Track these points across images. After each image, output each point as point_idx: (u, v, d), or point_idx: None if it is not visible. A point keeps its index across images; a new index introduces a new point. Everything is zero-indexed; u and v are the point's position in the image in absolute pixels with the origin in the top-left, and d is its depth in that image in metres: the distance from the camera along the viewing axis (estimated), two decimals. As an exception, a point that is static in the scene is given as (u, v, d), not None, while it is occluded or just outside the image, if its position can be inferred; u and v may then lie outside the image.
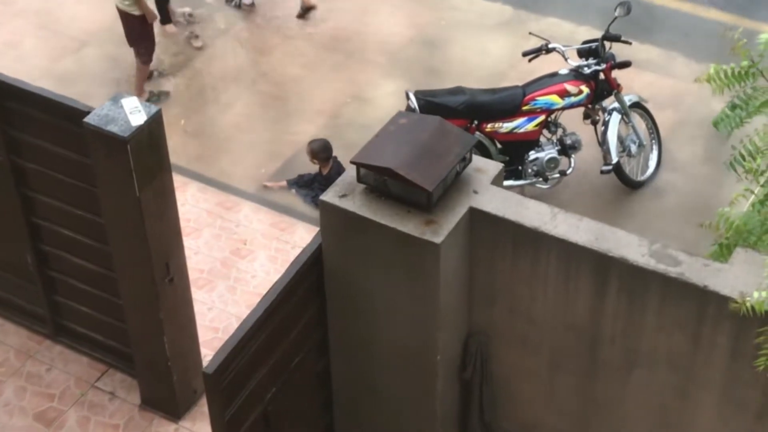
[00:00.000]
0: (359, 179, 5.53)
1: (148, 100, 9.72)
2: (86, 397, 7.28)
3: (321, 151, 8.65)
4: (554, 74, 8.61)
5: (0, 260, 7.42)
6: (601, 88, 8.60)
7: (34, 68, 9.97)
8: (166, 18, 10.39)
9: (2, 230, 7.21)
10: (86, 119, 6.07)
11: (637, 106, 8.88)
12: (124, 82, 9.84)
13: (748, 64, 4.96)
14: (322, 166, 8.70)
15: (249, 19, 10.65)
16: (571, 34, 10.05)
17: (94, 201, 6.47)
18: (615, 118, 8.67)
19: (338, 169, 8.49)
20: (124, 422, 7.14)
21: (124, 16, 9.53)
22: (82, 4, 10.82)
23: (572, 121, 8.81)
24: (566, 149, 8.65)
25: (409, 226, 5.37)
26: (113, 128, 5.98)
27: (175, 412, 7.09)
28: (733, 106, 5.11)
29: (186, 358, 6.95)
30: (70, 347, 7.52)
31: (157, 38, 9.92)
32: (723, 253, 5.36)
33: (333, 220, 5.59)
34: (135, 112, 6.04)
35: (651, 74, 9.75)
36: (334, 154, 8.71)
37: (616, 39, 8.56)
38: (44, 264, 7.20)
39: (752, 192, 5.47)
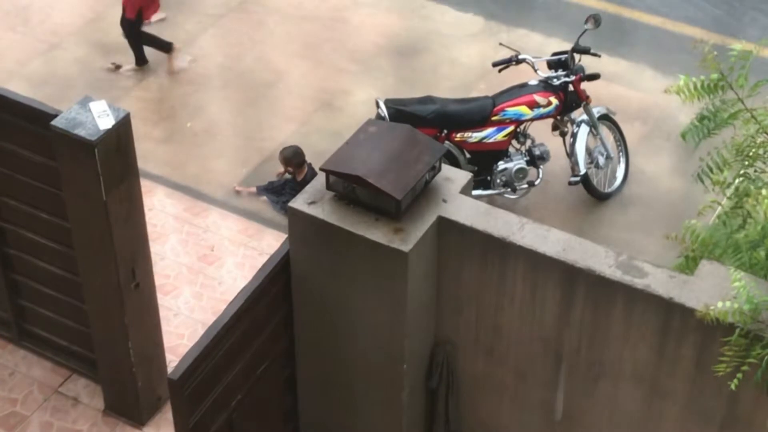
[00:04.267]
0: (328, 186, 5.53)
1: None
2: (49, 402, 7.22)
3: (293, 157, 8.65)
4: (524, 85, 8.64)
5: (-36, 263, 7.36)
6: (570, 99, 8.65)
7: (2, 70, 9.90)
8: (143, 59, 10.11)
9: (-34, 233, 7.14)
10: (53, 122, 6.03)
11: (606, 118, 8.93)
12: (94, 86, 9.78)
13: (718, 77, 5.01)
14: (296, 173, 8.70)
15: (220, 25, 10.63)
16: (540, 45, 10.10)
17: (60, 205, 6.42)
18: (583, 130, 8.72)
19: (313, 175, 8.48)
20: (87, 428, 7.08)
21: None
22: (52, 6, 10.76)
23: (541, 132, 8.85)
24: (535, 160, 8.68)
25: (377, 234, 5.37)
26: (81, 132, 5.94)
27: (139, 418, 7.04)
28: (702, 118, 5.16)
29: (151, 364, 6.90)
30: (34, 352, 7.45)
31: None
32: (689, 265, 5.40)
33: (301, 227, 5.58)
34: (103, 116, 6.00)
35: (619, 87, 9.81)
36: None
37: (585, 51, 8.61)
38: (9, 267, 7.14)
39: (719, 204, 5.51)
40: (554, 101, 8.55)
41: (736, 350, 4.85)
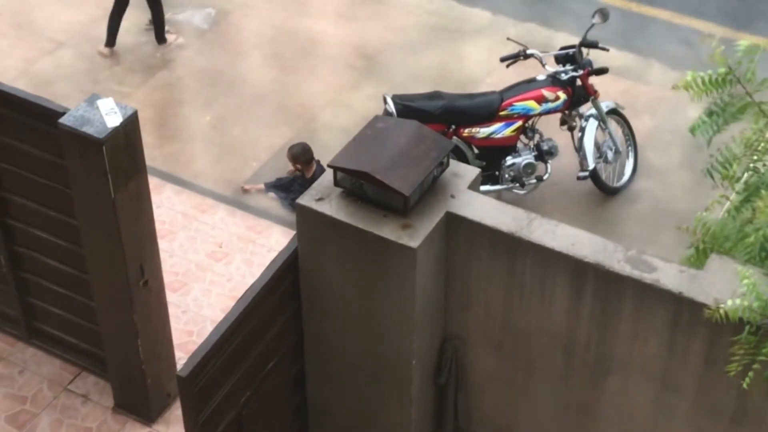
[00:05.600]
0: (336, 183, 5.52)
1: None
2: (59, 399, 7.23)
3: (301, 154, 8.66)
4: (532, 80, 8.63)
5: (-27, 261, 7.37)
6: (578, 94, 8.63)
7: (9, 69, 9.91)
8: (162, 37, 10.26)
9: (-25, 231, 7.15)
10: (61, 120, 6.03)
11: (614, 112, 8.91)
12: (100, 83, 9.80)
13: (726, 71, 4.98)
14: (305, 170, 8.70)
15: (227, 22, 10.63)
16: (548, 40, 10.08)
17: (68, 202, 6.43)
18: (592, 125, 8.70)
19: (321, 171, 8.49)
20: (96, 425, 7.09)
21: None
22: (59, 5, 10.78)
23: (549, 126, 8.84)
24: (543, 155, 8.67)
25: (385, 230, 5.36)
26: (89, 129, 5.95)
27: (149, 415, 7.05)
28: (710, 113, 5.13)
29: (160, 361, 6.91)
30: (43, 349, 7.47)
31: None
32: (699, 257, 5.38)
33: (309, 224, 5.58)
34: (111, 114, 6.00)
35: (628, 81, 9.79)
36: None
37: (593, 45, 8.59)
38: (17, 265, 7.15)
39: (727, 198, 5.50)
40: (562, 96, 8.54)
41: (746, 347, 4.84)
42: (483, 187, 8.25)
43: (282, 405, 6.23)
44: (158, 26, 10.20)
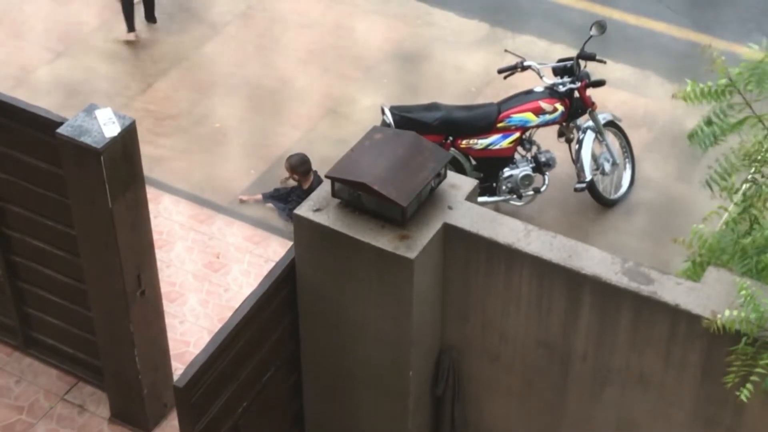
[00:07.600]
0: (334, 193, 5.53)
1: None
2: (55, 409, 7.22)
3: (300, 165, 8.66)
4: (529, 92, 8.64)
5: (-30, 271, 7.36)
6: (576, 106, 8.64)
7: (7, 78, 9.92)
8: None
9: (-28, 240, 7.15)
10: (59, 130, 6.04)
11: (611, 124, 8.92)
12: (99, 93, 9.80)
13: (726, 83, 4.99)
14: (302, 180, 8.70)
15: (225, 33, 10.64)
16: (546, 52, 10.09)
17: (66, 212, 6.43)
18: (589, 137, 8.71)
19: (319, 182, 8.49)
20: (93, 436, 7.09)
21: None
22: (57, 14, 10.79)
23: (547, 138, 8.85)
24: (540, 166, 8.68)
25: (383, 240, 5.37)
26: (86, 139, 5.95)
27: (145, 425, 7.04)
28: (709, 122, 5.14)
29: (156, 371, 6.90)
30: (40, 359, 7.46)
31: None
32: (695, 270, 5.39)
33: (307, 234, 5.58)
34: (109, 124, 6.01)
35: (625, 93, 9.80)
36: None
37: (590, 58, 8.61)
38: (15, 275, 7.14)
39: (726, 210, 5.50)
40: (560, 108, 8.55)
41: (743, 359, 4.84)
42: (480, 199, 8.25)
43: (279, 415, 6.23)
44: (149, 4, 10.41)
